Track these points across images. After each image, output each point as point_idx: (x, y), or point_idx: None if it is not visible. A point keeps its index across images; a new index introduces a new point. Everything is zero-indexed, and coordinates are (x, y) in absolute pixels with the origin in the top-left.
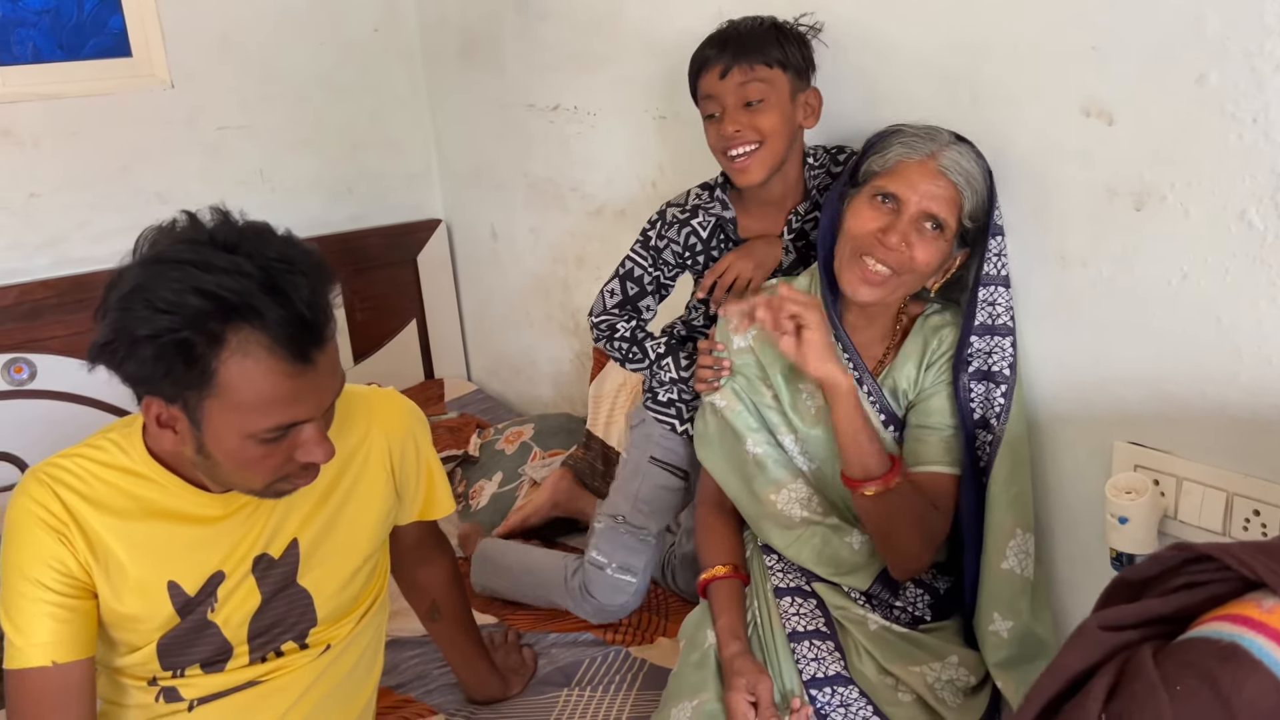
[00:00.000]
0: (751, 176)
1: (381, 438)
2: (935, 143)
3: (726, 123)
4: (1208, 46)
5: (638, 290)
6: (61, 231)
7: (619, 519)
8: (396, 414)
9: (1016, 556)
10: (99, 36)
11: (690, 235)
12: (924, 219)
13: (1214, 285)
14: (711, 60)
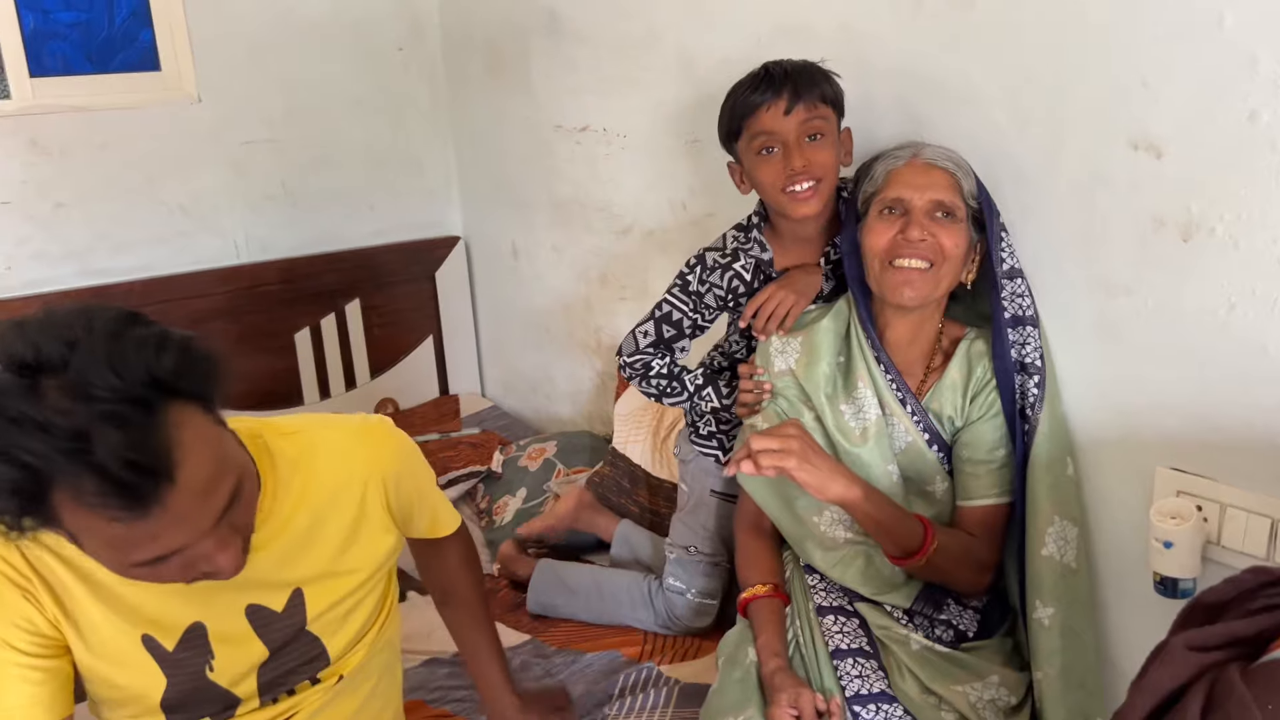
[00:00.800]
0: (812, 208)
1: (376, 478)
2: (913, 146)
3: (794, 158)
4: (1260, 85)
5: (674, 333)
6: (85, 243)
7: (691, 550)
8: (386, 451)
9: (1056, 543)
10: (128, 50)
11: (734, 279)
12: (934, 209)
13: (1262, 316)
14: (772, 97)
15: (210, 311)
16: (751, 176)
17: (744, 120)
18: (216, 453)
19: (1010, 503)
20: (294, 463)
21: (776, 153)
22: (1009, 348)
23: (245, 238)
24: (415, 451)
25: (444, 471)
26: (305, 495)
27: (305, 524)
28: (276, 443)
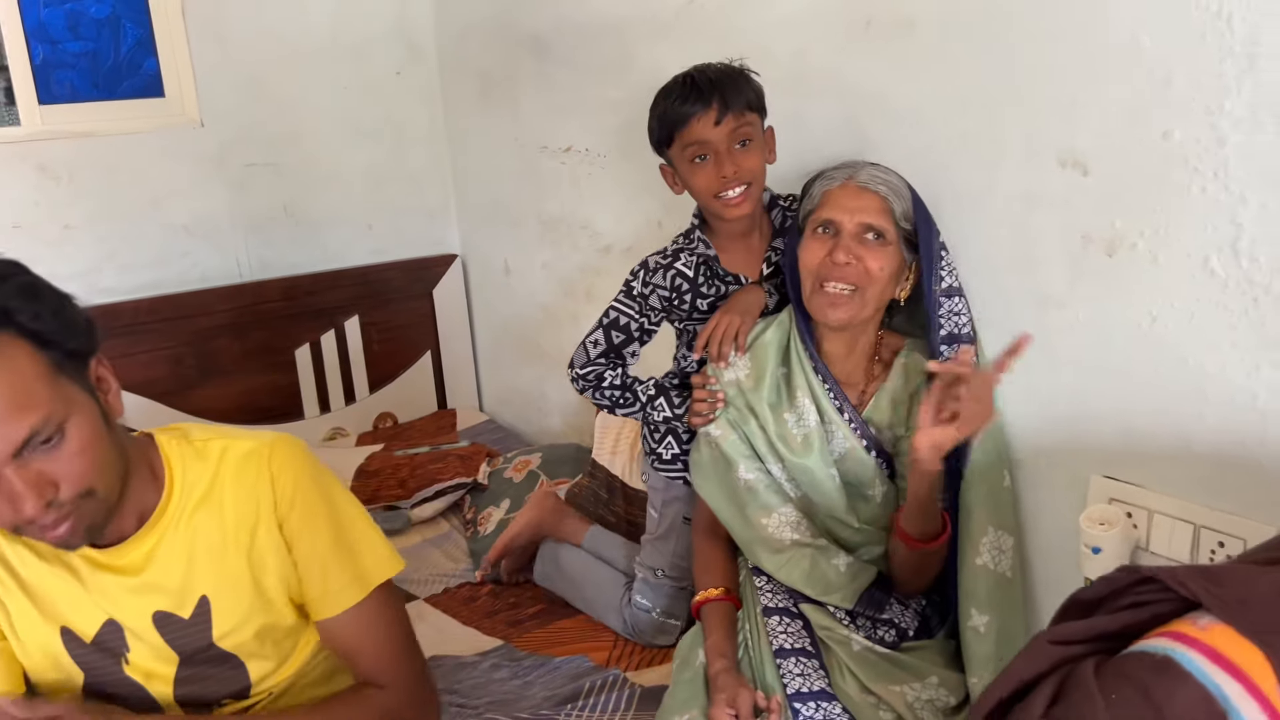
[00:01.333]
0: (744, 210)
1: (268, 500)
2: (851, 168)
3: (724, 166)
4: (1174, 104)
5: (623, 338)
6: (93, 263)
7: (659, 573)
8: (285, 475)
9: (990, 553)
10: (134, 78)
11: (676, 277)
12: (863, 232)
13: (1180, 329)
14: (701, 109)
15: (215, 328)
16: (685, 182)
17: (675, 130)
18: (21, 385)
19: (949, 509)
20: (201, 467)
21: (708, 160)
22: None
23: (248, 257)
24: (315, 482)
25: (432, 483)
26: (209, 501)
27: (212, 530)
28: (186, 446)
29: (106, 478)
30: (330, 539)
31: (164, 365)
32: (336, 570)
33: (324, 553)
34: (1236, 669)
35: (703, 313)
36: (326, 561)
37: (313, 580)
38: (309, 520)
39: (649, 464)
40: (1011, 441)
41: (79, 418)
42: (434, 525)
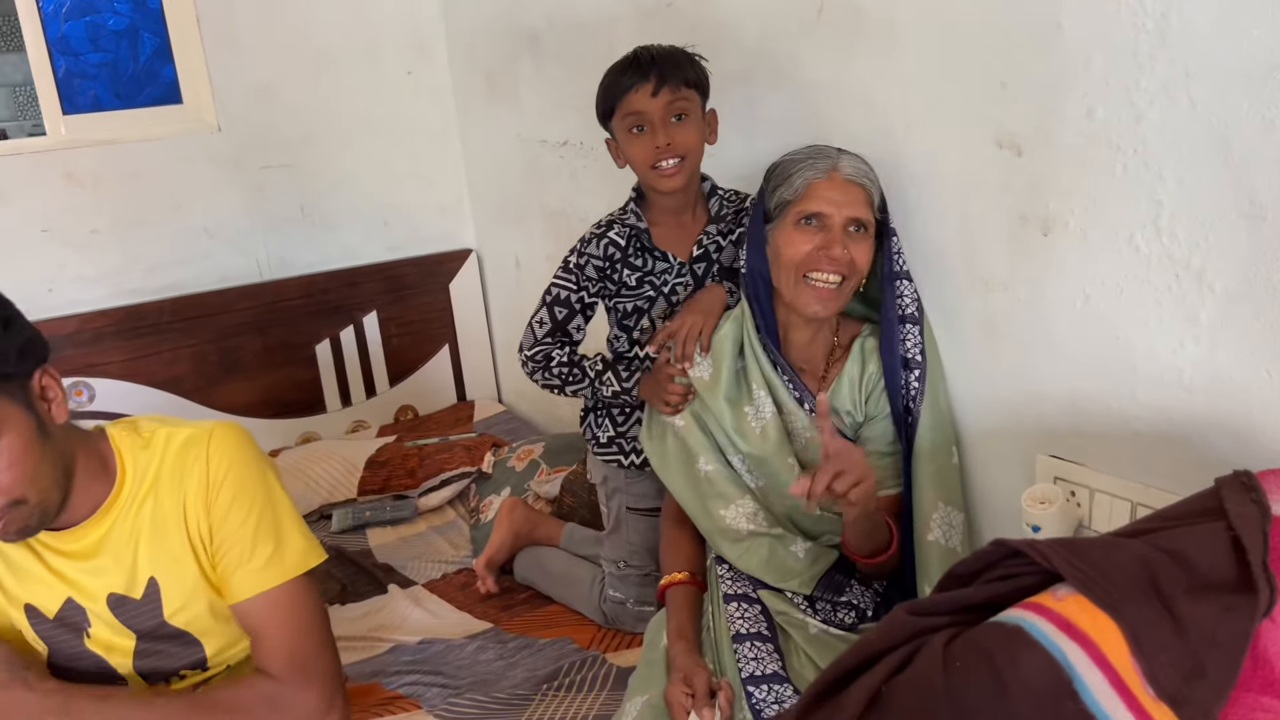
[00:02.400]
0: (677, 183)
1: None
2: (830, 158)
3: (658, 136)
4: (1093, 83)
5: (566, 313)
6: (119, 265)
7: (621, 565)
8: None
9: (941, 529)
10: (153, 86)
11: (609, 246)
12: (850, 225)
13: (1111, 306)
14: (640, 81)
15: (237, 326)
16: (625, 152)
17: (616, 100)
18: None
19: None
20: (148, 456)
21: (645, 131)
22: (898, 343)
23: (267, 256)
24: (249, 466)
25: (439, 472)
26: (155, 487)
27: (156, 514)
28: (135, 438)
29: (40, 485)
30: (254, 522)
31: (188, 363)
32: (254, 553)
33: (245, 535)
34: (1085, 637)
35: (630, 288)
36: (245, 543)
37: (230, 560)
38: (236, 501)
39: (590, 451)
40: (961, 421)
41: (11, 435)
42: (441, 514)
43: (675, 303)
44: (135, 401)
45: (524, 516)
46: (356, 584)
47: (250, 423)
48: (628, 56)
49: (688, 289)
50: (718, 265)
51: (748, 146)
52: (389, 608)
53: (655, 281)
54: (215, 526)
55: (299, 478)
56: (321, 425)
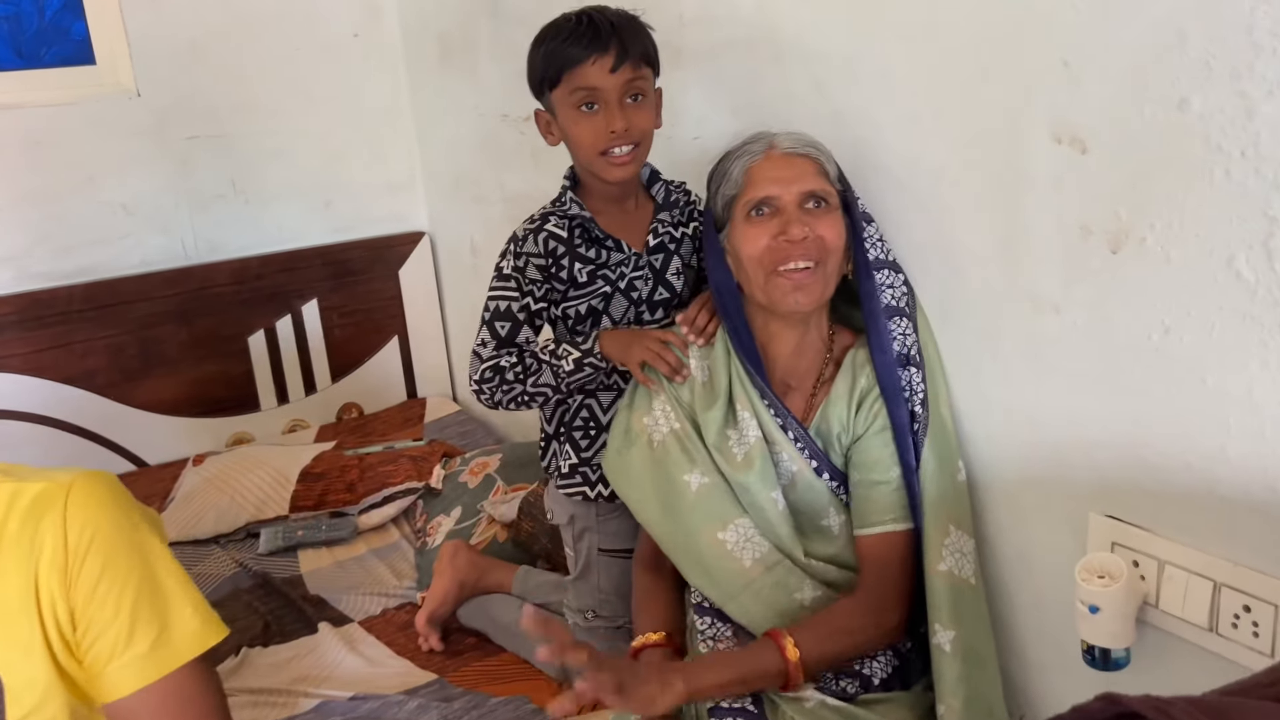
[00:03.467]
0: (628, 172)
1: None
2: (765, 138)
3: (615, 119)
4: (1190, 66)
5: (510, 326)
6: (22, 246)
7: (589, 615)
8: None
9: (953, 557)
10: (60, 44)
11: (548, 239)
12: (806, 200)
13: (1199, 342)
14: (598, 51)
15: (158, 315)
16: (567, 131)
17: (564, 70)
18: None
19: (913, 529)
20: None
21: (597, 110)
22: (889, 339)
23: (194, 238)
24: (118, 528)
25: (382, 487)
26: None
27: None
28: None
29: None
30: (130, 600)
31: (103, 356)
32: (133, 639)
33: (120, 617)
34: None
35: (580, 285)
36: (121, 628)
37: (101, 650)
38: (105, 575)
39: (551, 487)
40: (997, 464)
41: None
42: (383, 533)
43: (636, 299)
44: (43, 399)
45: (468, 562)
46: (282, 621)
47: (176, 422)
48: (577, 17)
49: (648, 284)
50: (683, 263)
51: (738, 128)
52: (318, 651)
53: (610, 275)
54: (79, 609)
55: (223, 490)
56: (255, 425)
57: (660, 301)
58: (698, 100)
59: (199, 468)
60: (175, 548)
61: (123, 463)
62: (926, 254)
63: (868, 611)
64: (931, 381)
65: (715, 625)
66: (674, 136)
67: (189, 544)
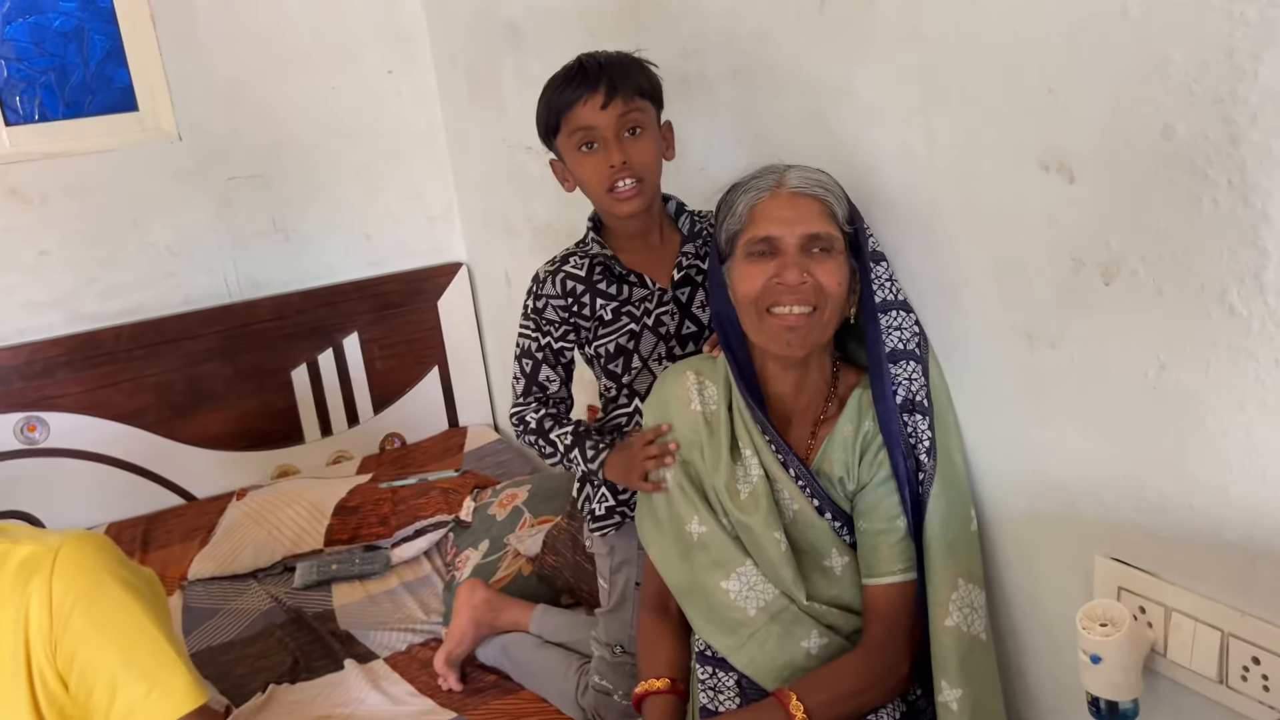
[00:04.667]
0: (635, 206)
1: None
2: (775, 173)
3: (613, 154)
4: (1173, 91)
5: (532, 365)
6: (72, 288)
7: (617, 650)
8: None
9: (961, 611)
10: (104, 93)
11: (566, 280)
12: (809, 244)
13: (1195, 379)
14: (588, 91)
15: (204, 352)
16: (575, 174)
17: (561, 115)
18: None
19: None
20: None
21: (596, 149)
22: (891, 387)
23: (236, 275)
24: (104, 592)
25: (413, 520)
26: None
27: None
28: None
29: None
30: (116, 661)
31: (151, 393)
32: (115, 700)
33: (104, 679)
34: None
35: (606, 323)
36: (103, 690)
37: (91, 708)
38: (89, 638)
39: (585, 529)
40: (999, 502)
41: None
42: (415, 567)
43: (665, 334)
44: (95, 436)
45: (485, 601)
46: (310, 657)
47: (223, 456)
48: (570, 65)
49: (674, 318)
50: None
51: (742, 158)
52: (342, 688)
53: (635, 311)
54: (65, 671)
55: (261, 525)
56: (300, 457)
57: (689, 335)
58: (702, 131)
59: (241, 502)
60: (215, 583)
61: (172, 497)
62: (927, 287)
63: (876, 667)
64: (942, 429)
65: (716, 675)
66: (681, 167)
67: (228, 579)
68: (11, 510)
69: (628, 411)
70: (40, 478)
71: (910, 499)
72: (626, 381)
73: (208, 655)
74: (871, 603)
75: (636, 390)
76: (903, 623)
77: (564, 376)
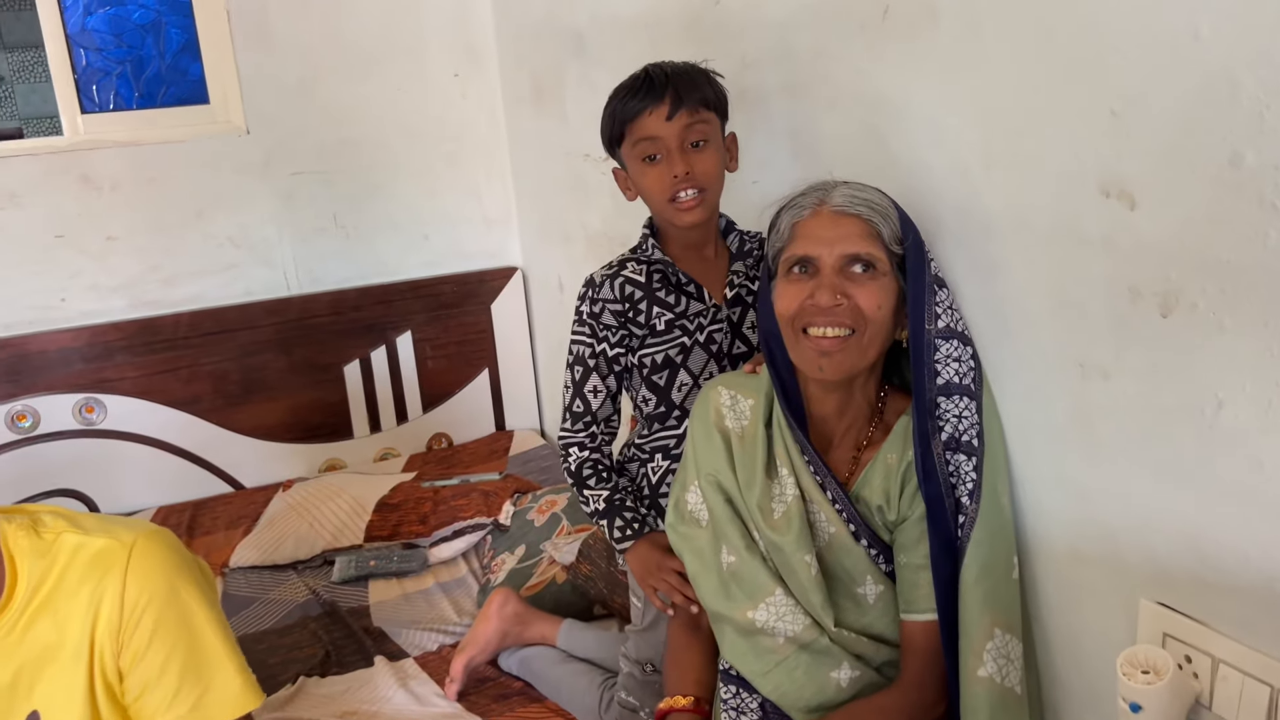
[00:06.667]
0: (697, 216)
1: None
2: (821, 190)
3: (676, 164)
4: (1243, 119)
5: (583, 371)
6: (137, 275)
7: (648, 668)
8: (136, 576)
9: (996, 662)
10: (178, 85)
11: (625, 284)
12: (848, 264)
13: (1255, 420)
14: (654, 102)
15: (259, 343)
16: (637, 184)
17: (626, 125)
18: None
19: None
20: (45, 565)
21: (660, 160)
22: (928, 420)
23: (295, 269)
24: (174, 594)
25: (452, 520)
26: (51, 604)
27: (50, 639)
28: (34, 540)
29: None
30: (179, 663)
31: (206, 382)
32: (175, 699)
33: (164, 677)
34: None
35: (657, 333)
36: (165, 687)
37: (145, 706)
38: (155, 637)
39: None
40: (1040, 535)
41: None
42: (451, 567)
43: (716, 352)
44: (149, 421)
45: (515, 614)
46: (342, 652)
47: (272, 447)
48: (636, 75)
49: (726, 337)
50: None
51: (796, 173)
52: (370, 685)
53: (688, 325)
54: (128, 668)
55: (304, 517)
56: (348, 452)
57: (739, 355)
58: (759, 144)
59: (286, 493)
60: (255, 572)
61: (221, 485)
62: (976, 311)
63: (913, 706)
64: (991, 470)
65: (740, 695)
66: (735, 180)
67: (268, 569)
68: (66, 489)
69: (677, 433)
70: (96, 458)
71: (942, 537)
72: (678, 400)
73: (243, 643)
74: (909, 639)
75: (686, 410)
76: (942, 659)
77: (613, 388)
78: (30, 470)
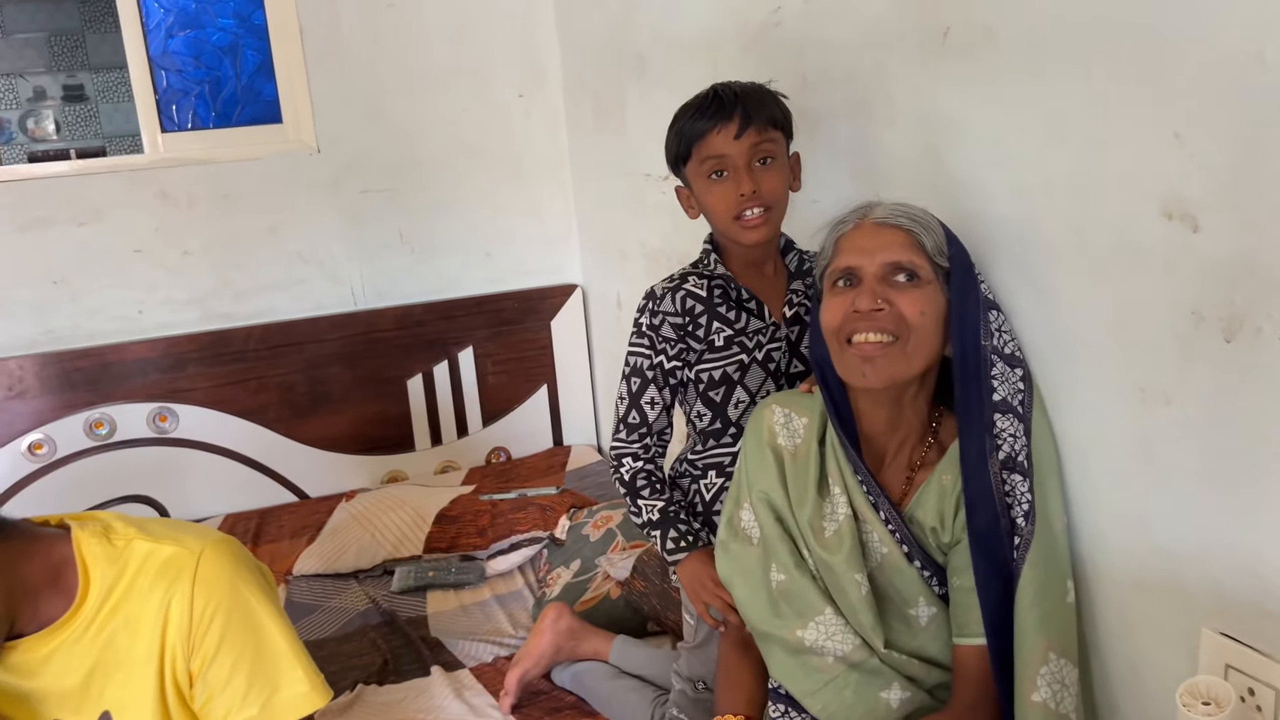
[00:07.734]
0: (762, 235)
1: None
2: (864, 208)
3: (743, 183)
4: None
5: (640, 383)
6: (210, 288)
7: (699, 686)
8: (203, 586)
9: (1050, 687)
10: (252, 105)
11: (686, 298)
12: (890, 272)
13: None
14: (723, 121)
15: (326, 357)
16: (701, 202)
17: (693, 144)
18: None
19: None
20: (116, 571)
21: (726, 177)
22: (977, 440)
23: (362, 285)
24: (240, 600)
25: (510, 534)
26: (123, 609)
27: (122, 642)
28: (106, 546)
29: None
30: (247, 667)
31: (274, 393)
32: (244, 701)
33: (233, 680)
34: None
35: (715, 349)
36: (234, 691)
37: (215, 709)
38: (223, 642)
39: (671, 566)
40: (1100, 562)
41: None
42: (509, 580)
43: (774, 371)
44: (219, 430)
45: (569, 629)
46: (400, 661)
47: (337, 458)
48: (704, 94)
49: (784, 355)
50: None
51: (855, 192)
52: (426, 694)
53: (747, 343)
54: (198, 672)
55: (366, 527)
56: (410, 464)
57: (796, 374)
58: (820, 163)
59: (350, 503)
60: (317, 580)
61: (286, 494)
62: (1036, 333)
63: None
64: (1040, 492)
65: (789, 714)
66: (795, 200)
67: (330, 577)
68: (139, 495)
69: (732, 450)
70: (167, 466)
71: (993, 560)
72: (734, 417)
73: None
74: (962, 663)
75: (741, 427)
76: (994, 686)
77: (668, 401)
78: (106, 476)
